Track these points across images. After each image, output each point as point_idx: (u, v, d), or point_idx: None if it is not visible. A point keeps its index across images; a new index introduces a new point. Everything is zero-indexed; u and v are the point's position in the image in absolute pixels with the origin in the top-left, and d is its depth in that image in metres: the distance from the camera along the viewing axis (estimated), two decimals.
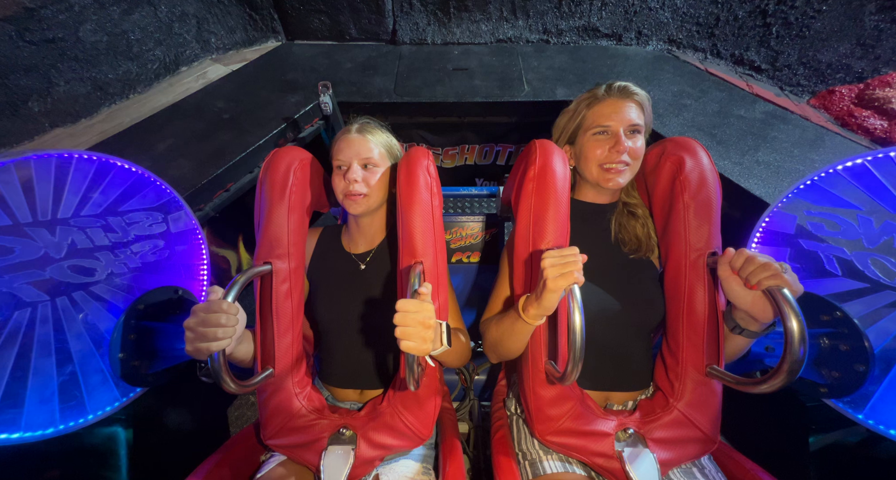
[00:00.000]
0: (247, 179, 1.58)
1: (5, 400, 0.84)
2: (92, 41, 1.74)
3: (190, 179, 1.40)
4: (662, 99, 1.75)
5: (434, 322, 0.69)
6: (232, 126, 1.66)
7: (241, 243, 1.79)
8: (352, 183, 0.95)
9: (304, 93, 1.84)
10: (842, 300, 0.92)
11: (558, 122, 1.03)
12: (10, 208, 0.89)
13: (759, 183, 1.34)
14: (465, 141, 2.12)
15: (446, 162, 2.27)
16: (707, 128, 1.58)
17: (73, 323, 0.93)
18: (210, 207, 1.43)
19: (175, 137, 1.60)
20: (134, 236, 1.05)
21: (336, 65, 2.08)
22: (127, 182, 1.05)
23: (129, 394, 0.98)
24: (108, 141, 1.61)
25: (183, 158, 1.49)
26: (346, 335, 1.00)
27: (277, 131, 1.64)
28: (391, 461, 0.91)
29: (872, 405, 0.85)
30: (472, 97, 1.80)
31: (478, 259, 1.61)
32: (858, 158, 0.98)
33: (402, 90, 1.85)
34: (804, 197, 1.02)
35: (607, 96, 0.93)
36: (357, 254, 1.06)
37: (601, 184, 0.94)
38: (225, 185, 1.50)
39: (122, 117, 1.80)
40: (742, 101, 1.77)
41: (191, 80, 2.05)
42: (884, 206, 0.93)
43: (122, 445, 1.05)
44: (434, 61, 2.08)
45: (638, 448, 0.82)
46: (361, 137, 0.99)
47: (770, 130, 1.59)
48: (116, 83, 1.88)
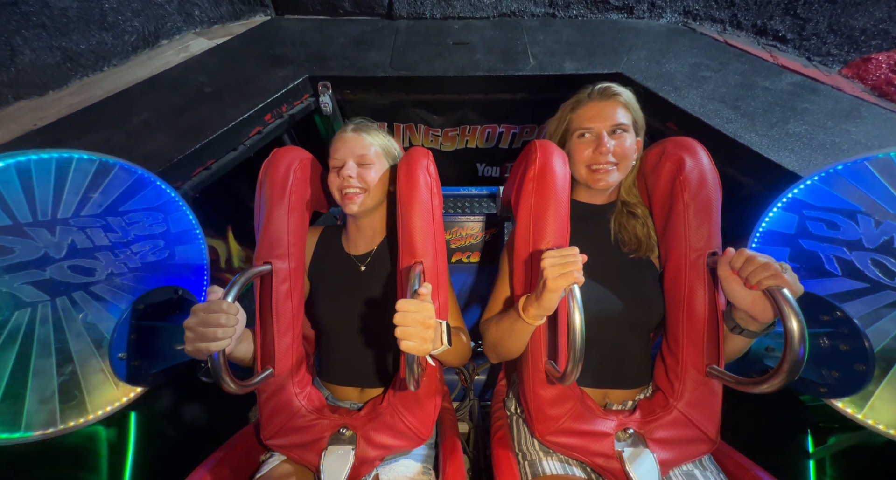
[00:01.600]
0: (230, 157, 1.47)
1: (5, 399, 0.84)
2: (60, 7, 1.59)
3: (166, 154, 1.28)
4: (679, 71, 1.63)
5: (434, 322, 0.69)
6: (213, 100, 1.55)
7: (231, 233, 1.72)
8: (346, 179, 0.95)
9: (292, 68, 1.72)
10: (842, 300, 0.92)
11: (547, 128, 1.05)
12: (10, 208, 0.89)
13: (791, 155, 1.23)
14: (466, 121, 2.00)
15: (446, 144, 2.15)
16: (730, 100, 1.47)
17: (73, 323, 0.93)
18: (189, 186, 1.32)
19: (151, 111, 1.49)
20: (134, 236, 1.05)
21: (328, 39, 1.93)
22: (127, 182, 1.05)
23: (129, 394, 0.98)
24: (77, 114, 1.49)
25: (159, 133, 1.38)
26: (347, 335, 1.00)
27: (263, 105, 1.53)
28: (391, 461, 0.91)
29: (872, 405, 0.85)
30: (473, 71, 1.69)
31: (478, 259, 1.61)
32: (858, 158, 0.98)
33: (399, 64, 1.73)
34: (804, 197, 1.02)
35: (589, 99, 0.95)
36: (357, 256, 1.06)
37: (590, 185, 0.95)
38: (205, 162, 1.39)
39: (95, 90, 1.65)
40: (767, 73, 1.64)
41: (171, 54, 1.89)
42: (884, 206, 0.93)
43: (122, 445, 1.06)
44: (433, 36, 1.93)
45: (638, 449, 0.82)
46: (357, 136, 1.00)
47: (799, 102, 1.47)
48: (89, 54, 1.72)
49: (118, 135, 1.35)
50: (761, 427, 1.18)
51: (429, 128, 2.01)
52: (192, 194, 1.34)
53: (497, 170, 2.35)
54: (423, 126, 2.00)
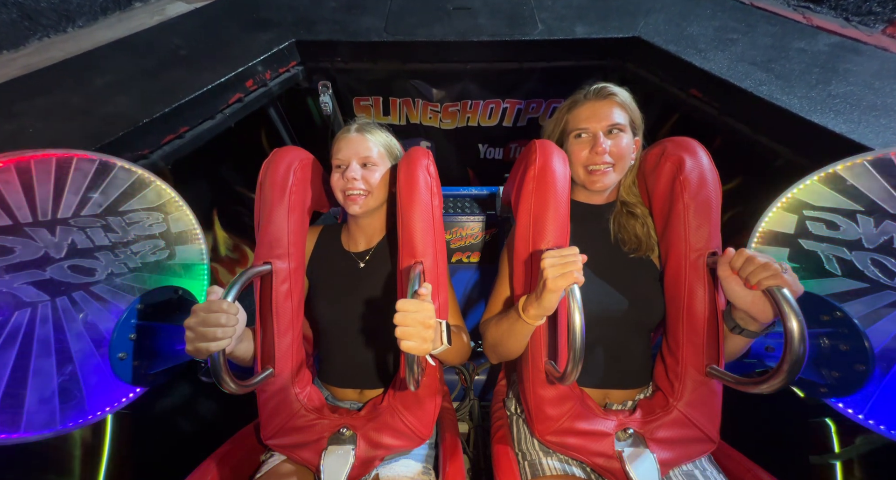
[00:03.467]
0: (206, 126, 1.31)
1: (5, 399, 0.84)
2: None
3: (129, 117, 1.16)
4: (703, 34, 1.51)
5: (434, 321, 0.69)
6: (188, 63, 1.42)
7: (217, 219, 1.58)
8: (350, 181, 0.95)
9: (278, 32, 1.58)
10: (842, 300, 0.91)
11: (545, 129, 1.05)
12: (10, 208, 0.89)
13: (837, 117, 1.12)
14: (467, 95, 1.83)
15: (446, 121, 1.98)
16: (762, 62, 1.35)
17: (73, 323, 0.93)
18: (160, 156, 1.19)
19: (117, 73, 1.36)
20: (134, 236, 1.05)
21: (317, 3, 1.80)
22: (127, 182, 1.05)
23: (128, 394, 0.98)
24: (31, 75, 1.36)
25: (123, 95, 1.26)
26: (346, 334, 1.00)
27: (244, 69, 1.40)
28: (391, 461, 0.91)
29: (872, 405, 0.85)
30: (475, 36, 1.55)
31: (478, 259, 1.61)
32: (858, 158, 0.98)
33: (394, 29, 1.59)
34: (804, 197, 1.02)
35: (585, 99, 0.95)
36: (356, 253, 1.06)
37: (587, 186, 0.95)
38: (177, 129, 1.25)
39: (55, 51, 1.51)
40: (800, 34, 1.52)
41: (145, 17, 1.75)
42: (884, 206, 0.93)
43: (122, 445, 1.05)
44: (431, 0, 1.80)
45: (638, 449, 0.82)
46: (360, 136, 1.00)
47: (841, 63, 1.36)
48: (51, 13, 1.58)
49: (76, 98, 1.23)
50: (761, 427, 1.18)
51: (427, 103, 1.86)
52: (164, 165, 1.21)
53: (500, 151, 2.21)
54: (420, 100, 1.85)
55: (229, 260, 1.71)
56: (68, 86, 1.31)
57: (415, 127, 2.02)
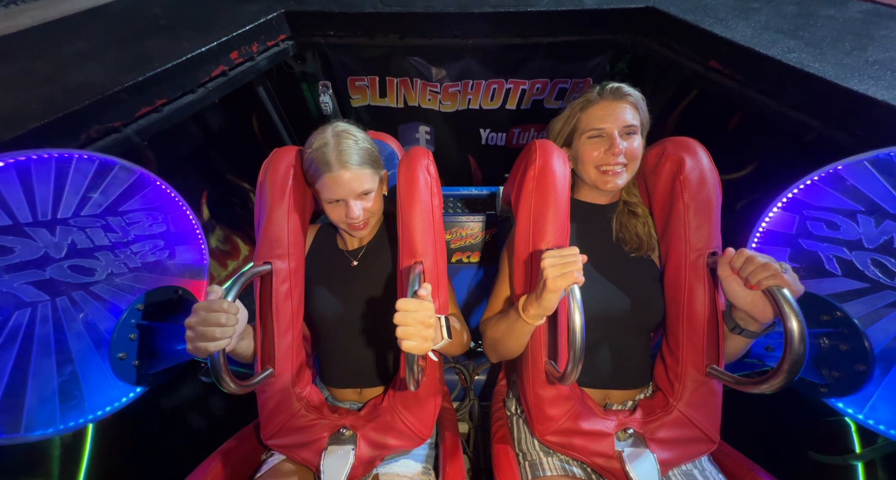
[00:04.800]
0: (187, 100, 1.21)
1: (5, 399, 0.84)
2: None
3: (99, 85, 1.07)
4: (722, 3, 1.45)
5: (434, 320, 0.69)
6: (167, 32, 1.32)
7: (205, 208, 1.49)
8: (355, 218, 0.92)
9: (266, 2, 1.50)
10: (842, 300, 0.91)
11: (553, 126, 1.03)
12: (10, 208, 0.89)
13: (877, 83, 1.04)
14: (468, 74, 1.73)
15: (445, 103, 1.87)
16: (789, 30, 1.27)
17: (73, 323, 0.93)
18: (134, 130, 1.09)
19: (89, 41, 1.27)
20: (134, 236, 1.05)
21: None
22: (127, 182, 1.05)
23: (128, 394, 0.98)
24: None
25: (95, 63, 1.16)
26: (343, 333, 1.00)
27: (227, 39, 1.30)
28: (391, 461, 0.91)
29: (872, 405, 0.85)
30: (477, 7, 1.46)
31: (478, 259, 1.61)
32: (858, 158, 0.98)
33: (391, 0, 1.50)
34: (804, 197, 1.02)
35: (600, 98, 0.94)
36: (349, 251, 1.06)
37: (599, 186, 0.94)
38: (153, 102, 1.15)
39: (22, 18, 1.41)
40: (828, 2, 1.45)
41: None
42: (884, 206, 0.93)
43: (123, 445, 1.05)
44: None
45: (638, 449, 0.82)
46: (348, 172, 0.89)
47: (876, 29, 1.28)
48: None
49: (43, 65, 1.15)
50: (761, 427, 1.18)
51: (426, 83, 1.77)
52: (140, 141, 1.11)
53: (503, 137, 2.10)
54: (419, 80, 1.76)
55: (220, 253, 1.66)
56: (35, 53, 1.22)
57: (413, 109, 1.93)
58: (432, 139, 2.13)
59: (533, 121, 2.00)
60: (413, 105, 1.90)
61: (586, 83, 1.77)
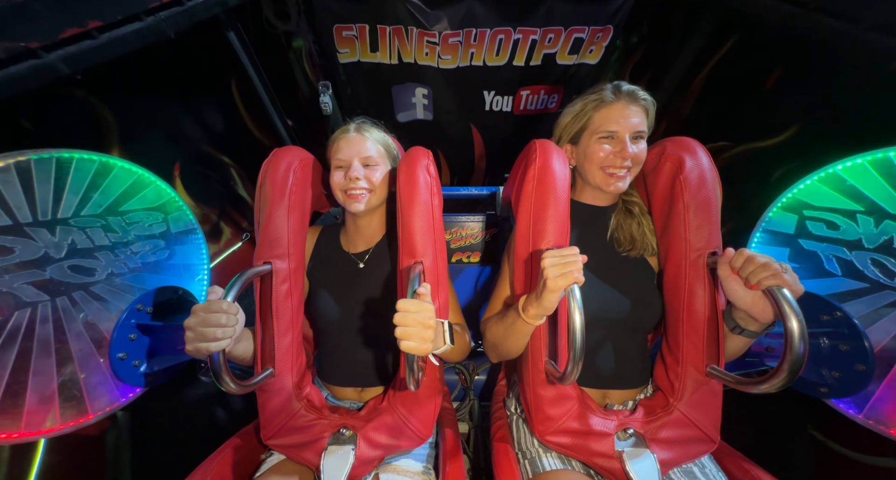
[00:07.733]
0: (130, 29, 0.93)
1: (5, 400, 0.84)
2: None
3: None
4: None
5: (434, 321, 0.69)
6: None
7: (178, 176, 1.27)
8: (354, 180, 0.96)
9: None
10: (842, 300, 0.92)
11: (561, 121, 1.02)
12: (10, 208, 0.89)
13: None
14: (471, 20, 1.49)
15: (445, 58, 1.60)
16: None
17: (73, 323, 0.93)
18: (60, 57, 0.84)
19: None
20: (134, 236, 1.05)
21: None
22: (127, 182, 1.05)
23: (128, 394, 0.98)
24: None
25: None
26: (346, 334, 1.00)
27: None
28: (391, 460, 0.91)
29: (872, 405, 0.85)
30: None
31: (478, 259, 1.61)
32: (858, 158, 0.98)
33: None
34: (804, 197, 1.02)
35: (615, 100, 0.92)
36: (355, 254, 1.06)
37: (603, 187, 0.94)
38: (83, 23, 0.86)
39: None
40: None
41: None
42: (884, 206, 0.93)
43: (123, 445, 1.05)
44: None
45: (638, 448, 0.82)
46: (360, 136, 1.00)
47: None
48: None
49: None
50: (761, 427, 1.18)
51: (423, 32, 1.53)
52: (68, 71, 0.86)
53: (509, 102, 1.83)
54: (415, 29, 1.52)
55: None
56: None
57: (408, 67, 1.66)
58: (430, 104, 1.87)
59: (544, 82, 1.75)
60: (408, 61, 1.64)
61: (606, 32, 1.54)
